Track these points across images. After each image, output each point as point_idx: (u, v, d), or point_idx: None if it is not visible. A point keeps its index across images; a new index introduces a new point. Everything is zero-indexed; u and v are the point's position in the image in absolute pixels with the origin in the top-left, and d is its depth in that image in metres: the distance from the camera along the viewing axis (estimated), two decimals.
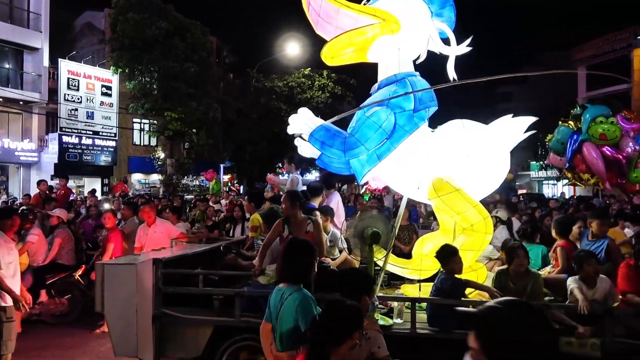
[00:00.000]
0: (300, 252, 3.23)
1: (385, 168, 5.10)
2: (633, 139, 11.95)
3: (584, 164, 12.01)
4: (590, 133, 11.17)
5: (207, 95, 26.85)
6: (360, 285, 3.14)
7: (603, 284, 4.38)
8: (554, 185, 34.62)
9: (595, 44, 31.62)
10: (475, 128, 5.05)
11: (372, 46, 5.26)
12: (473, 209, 4.76)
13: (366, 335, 2.91)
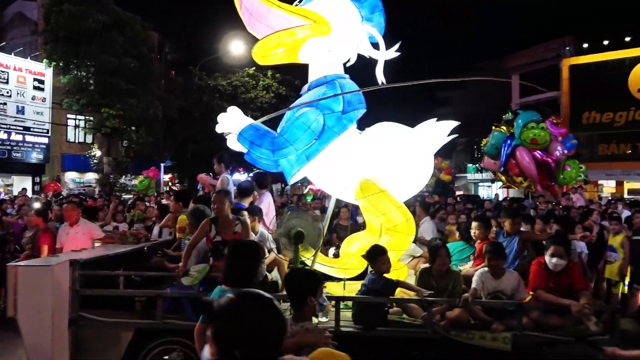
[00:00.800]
0: (245, 255, 3.21)
1: (314, 168, 5.15)
2: (561, 143, 12.67)
3: (518, 168, 12.55)
4: (522, 138, 11.73)
5: (148, 92, 26.05)
6: (306, 286, 3.09)
7: (510, 278, 4.63)
8: (489, 187, 36.11)
9: (528, 53, 33.27)
10: (401, 130, 5.19)
11: (303, 47, 5.30)
12: (397, 210, 4.89)
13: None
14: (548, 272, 4.46)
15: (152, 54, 28.59)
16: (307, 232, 4.88)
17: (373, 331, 4.57)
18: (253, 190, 6.26)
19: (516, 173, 12.88)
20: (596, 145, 29.27)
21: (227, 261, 3.23)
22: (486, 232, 5.69)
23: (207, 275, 4.61)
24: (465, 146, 32.47)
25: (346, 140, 5.06)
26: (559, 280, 4.43)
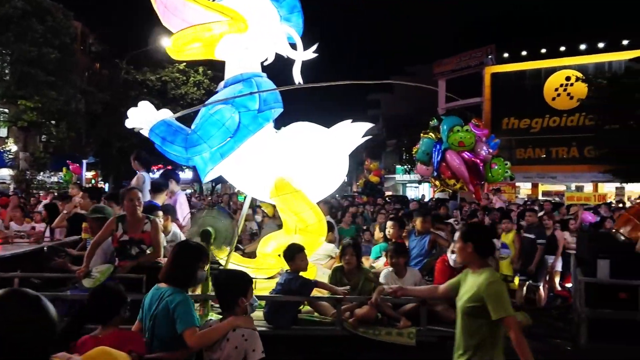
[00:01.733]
0: (187, 256, 3.23)
1: (229, 167, 5.09)
2: (485, 143, 13.32)
3: (449, 170, 12.95)
4: (450, 142, 12.17)
5: (70, 85, 24.67)
6: (237, 287, 3.08)
7: (411, 276, 4.81)
8: (416, 187, 37.35)
9: (453, 60, 34.74)
10: (316, 130, 5.24)
11: (219, 43, 5.21)
12: (310, 211, 4.92)
13: (243, 336, 2.88)
14: (450, 269, 4.67)
15: (75, 45, 27.10)
16: (220, 232, 4.80)
17: (284, 330, 4.57)
18: (166, 186, 6.09)
19: (448, 176, 13.34)
20: (514, 149, 31.03)
21: (172, 261, 3.23)
22: (400, 232, 5.86)
23: (111, 276, 4.43)
24: (394, 148, 33.41)
25: (262, 139, 5.04)
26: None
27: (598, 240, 5.09)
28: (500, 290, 2.92)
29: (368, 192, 21.91)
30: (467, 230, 3.21)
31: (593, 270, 4.60)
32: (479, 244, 3.07)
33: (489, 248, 3.18)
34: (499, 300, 2.88)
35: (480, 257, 3.07)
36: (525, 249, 7.28)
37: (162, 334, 2.98)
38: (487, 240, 3.18)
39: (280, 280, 4.82)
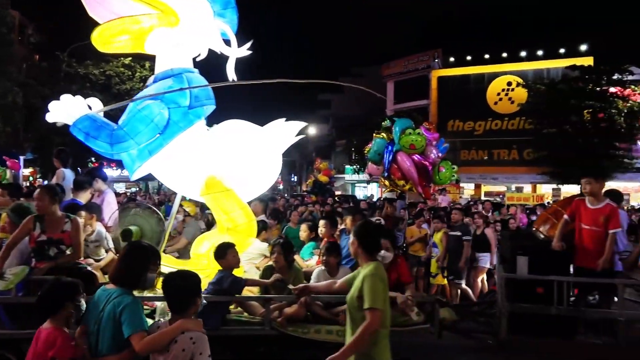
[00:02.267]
0: (141, 257, 3.13)
1: (158, 164, 4.95)
2: (435, 147, 13.69)
3: (400, 171, 13.14)
4: (402, 143, 12.38)
5: (6, 77, 23.36)
6: (192, 287, 3.02)
7: (343, 274, 4.84)
8: (364, 187, 37.82)
9: (401, 63, 35.46)
10: (249, 129, 5.18)
11: (149, 37, 5.06)
12: (240, 211, 4.85)
13: (192, 339, 2.83)
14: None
15: (13, 35, 25.71)
16: (146, 232, 4.67)
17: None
18: (90, 184, 5.85)
19: (398, 177, 13.57)
20: (459, 151, 31.99)
21: (122, 262, 3.14)
22: (332, 230, 5.89)
23: (26, 277, 4.22)
24: (344, 148, 33.70)
25: (193, 136, 4.93)
26: (388, 274, 4.69)
27: (518, 239, 5.31)
28: (374, 283, 3.03)
29: (317, 192, 21.95)
30: (356, 227, 3.36)
31: (513, 266, 4.79)
32: (363, 240, 3.22)
33: (373, 245, 3.26)
34: (370, 292, 2.99)
35: (365, 252, 3.21)
36: (452, 246, 7.51)
37: (109, 337, 2.87)
38: (371, 238, 3.28)
39: (213, 279, 4.74)
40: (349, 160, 34.83)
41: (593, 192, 4.85)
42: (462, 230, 7.65)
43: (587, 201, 4.72)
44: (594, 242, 4.64)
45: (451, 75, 33.07)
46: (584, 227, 4.66)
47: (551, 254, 4.73)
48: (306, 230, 5.95)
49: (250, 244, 5.24)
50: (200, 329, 2.94)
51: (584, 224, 4.65)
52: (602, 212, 4.69)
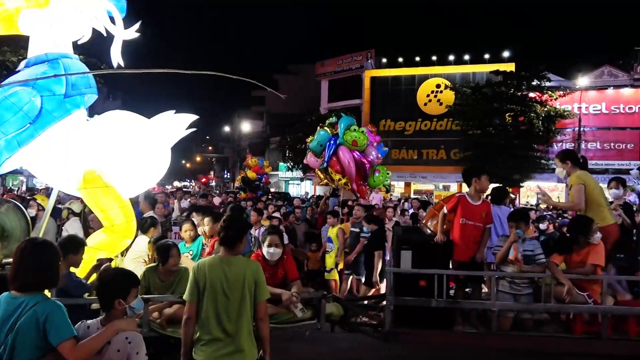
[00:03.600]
0: (48, 255, 2.79)
1: (29, 156, 4.63)
2: (375, 148, 13.89)
3: (339, 165, 13.14)
4: (345, 139, 12.41)
5: None
6: (116, 288, 2.84)
7: None
8: (298, 185, 37.92)
9: (335, 62, 35.82)
10: (134, 120, 4.95)
11: (20, 18, 4.71)
12: (119, 209, 4.60)
13: (127, 339, 2.72)
14: (265, 263, 4.66)
15: None
16: (12, 231, 4.36)
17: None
18: None
19: (337, 170, 13.51)
20: (390, 150, 32.70)
21: (19, 263, 2.73)
22: (216, 227, 5.72)
23: None
24: (278, 145, 33.60)
25: (70, 127, 4.64)
26: (275, 270, 4.66)
27: (405, 233, 5.45)
28: (190, 277, 3.27)
29: (244, 188, 21.66)
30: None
31: (399, 261, 4.90)
32: (220, 235, 3.33)
33: (231, 240, 3.28)
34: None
35: (221, 246, 3.32)
36: (352, 242, 7.59)
37: (30, 347, 2.60)
38: (229, 233, 3.30)
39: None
40: (283, 157, 34.76)
41: (484, 189, 5.03)
42: (361, 227, 7.75)
43: (468, 198, 4.90)
44: (474, 236, 4.83)
45: (383, 76, 33.74)
46: (467, 223, 4.84)
47: (433, 249, 4.87)
48: (192, 229, 5.75)
49: (125, 246, 4.99)
50: (134, 328, 2.85)
51: (466, 219, 4.83)
52: (482, 209, 4.90)
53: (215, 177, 56.80)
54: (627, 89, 28.21)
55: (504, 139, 25.51)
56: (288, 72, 43.62)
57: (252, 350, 3.20)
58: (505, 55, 31.13)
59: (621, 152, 27.91)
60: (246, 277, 3.17)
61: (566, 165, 5.09)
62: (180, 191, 15.62)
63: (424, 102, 32.40)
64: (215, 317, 3.13)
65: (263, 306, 3.23)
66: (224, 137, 55.05)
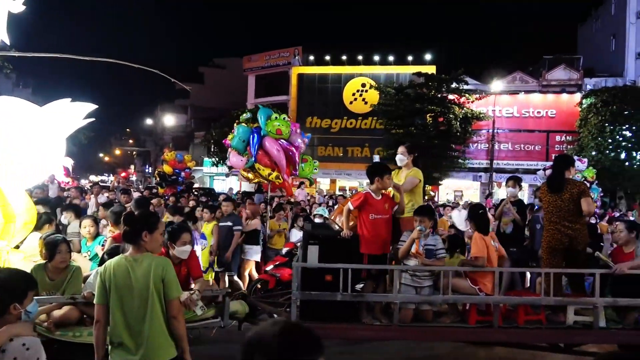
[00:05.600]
0: None
1: None
2: (299, 134, 13.53)
3: (267, 158, 12.52)
4: (268, 129, 11.76)
5: None
6: (13, 291, 2.65)
7: None
8: (223, 180, 37.30)
9: (262, 57, 35.58)
10: (24, 108, 4.59)
11: None
12: None
13: (24, 345, 2.52)
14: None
15: None
16: None
17: None
18: None
19: (266, 164, 12.93)
20: (316, 147, 33.00)
21: None
22: (117, 227, 5.48)
23: None
24: (203, 140, 32.81)
25: None
26: (178, 269, 4.51)
27: (314, 229, 5.49)
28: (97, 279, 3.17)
29: (161, 183, 20.88)
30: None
31: (307, 255, 4.91)
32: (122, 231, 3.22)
33: (130, 235, 3.16)
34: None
35: (126, 243, 3.27)
36: (224, 237, 7.52)
37: None
38: (128, 229, 3.18)
39: None
40: (208, 152, 34.01)
41: (385, 187, 5.11)
42: (233, 221, 7.71)
43: (372, 194, 5.00)
44: (383, 229, 4.95)
45: (310, 73, 33.94)
46: (377, 217, 4.93)
47: (339, 243, 4.93)
48: (92, 225, 5.46)
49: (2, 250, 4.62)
50: (31, 333, 2.67)
51: (373, 214, 4.93)
52: (384, 202, 5.03)
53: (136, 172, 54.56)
54: (536, 94, 30.27)
55: (425, 139, 26.45)
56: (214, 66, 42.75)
57: (168, 350, 3.08)
58: (427, 58, 32.36)
59: (530, 153, 29.91)
60: (153, 276, 3.04)
61: (410, 157, 5.55)
62: (97, 186, 14.84)
63: (349, 101, 32.95)
64: (123, 319, 3.02)
65: (174, 304, 3.11)
66: (146, 130, 52.98)
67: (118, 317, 3.01)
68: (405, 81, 30.20)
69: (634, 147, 24.81)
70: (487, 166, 28.99)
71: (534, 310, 5.03)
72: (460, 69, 27.30)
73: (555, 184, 5.10)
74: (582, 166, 17.41)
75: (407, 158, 5.59)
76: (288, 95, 33.93)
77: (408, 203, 5.30)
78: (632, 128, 24.72)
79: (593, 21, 37.02)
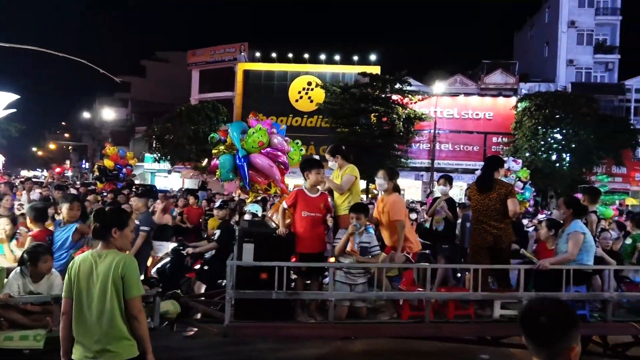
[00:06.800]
0: None
1: None
2: (276, 134, 12.61)
3: (259, 174, 11.64)
4: (248, 147, 10.90)
5: None
6: None
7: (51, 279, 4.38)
8: (165, 177, 36.34)
9: (208, 52, 34.90)
10: None
11: None
12: None
13: None
14: None
15: None
16: None
17: None
18: None
19: (260, 181, 12.08)
20: None
21: None
22: (39, 224, 5.21)
23: None
24: (144, 135, 31.71)
25: None
26: None
27: (250, 227, 5.43)
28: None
29: (101, 178, 20.08)
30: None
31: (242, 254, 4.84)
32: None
33: (98, 232, 3.09)
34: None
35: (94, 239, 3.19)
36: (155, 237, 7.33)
37: None
38: (100, 225, 3.10)
39: None
40: (150, 148, 32.94)
41: (314, 183, 5.09)
42: (141, 220, 7.53)
43: (306, 191, 5.00)
44: (315, 227, 4.95)
45: (256, 70, 33.59)
46: (309, 215, 4.93)
47: (275, 241, 4.90)
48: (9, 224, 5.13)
49: None
50: None
51: (306, 211, 4.92)
52: (320, 200, 5.04)
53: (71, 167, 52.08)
54: (475, 97, 31.41)
55: (369, 138, 26.82)
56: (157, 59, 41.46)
57: (128, 349, 2.99)
58: (372, 59, 32.83)
59: (469, 153, 31.00)
60: (113, 273, 2.95)
61: (337, 159, 5.62)
62: (29, 181, 14.07)
63: (295, 99, 32.91)
64: (81, 315, 2.97)
65: (133, 303, 3.00)
66: (83, 123, 50.58)
67: (78, 312, 2.98)
68: (351, 81, 30.51)
69: (563, 149, 26.25)
70: (428, 166, 29.78)
71: (463, 305, 5.21)
72: (404, 70, 27.87)
73: (484, 183, 5.29)
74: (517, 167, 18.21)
75: (335, 161, 5.63)
76: (233, 92, 33.46)
77: (344, 201, 5.34)
78: (563, 131, 26.12)
79: (528, 28, 38.89)
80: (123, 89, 39.88)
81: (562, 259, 5.12)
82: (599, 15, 32.13)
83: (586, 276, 5.28)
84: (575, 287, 5.09)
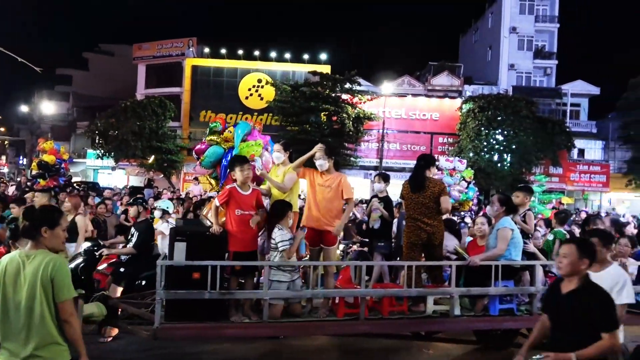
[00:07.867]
0: None
1: None
2: (268, 151, 12.42)
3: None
4: (243, 152, 10.70)
5: None
6: None
7: None
8: (109, 174, 35.13)
9: (154, 46, 33.95)
10: None
11: None
12: None
13: None
14: None
15: None
16: None
17: None
18: None
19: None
20: None
21: None
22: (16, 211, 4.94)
23: None
24: (86, 130, 30.43)
25: None
26: None
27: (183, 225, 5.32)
28: None
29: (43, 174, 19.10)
30: None
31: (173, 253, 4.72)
32: None
33: (26, 231, 2.92)
34: None
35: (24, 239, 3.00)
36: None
37: None
38: (29, 224, 2.94)
39: None
40: (92, 144, 31.66)
41: (240, 180, 4.99)
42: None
43: (238, 189, 4.94)
44: (246, 225, 4.88)
45: (205, 66, 32.93)
46: (242, 213, 4.86)
47: (208, 240, 4.80)
48: None
49: None
50: None
51: (238, 209, 4.86)
52: (253, 197, 4.99)
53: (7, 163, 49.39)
54: (422, 98, 32.12)
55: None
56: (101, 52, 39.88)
57: (60, 353, 2.85)
58: (323, 58, 32.94)
59: (416, 153, 31.49)
60: (41, 274, 2.77)
61: (287, 154, 5.75)
62: None
63: (245, 96, 32.54)
64: (7, 319, 2.80)
65: (64, 307, 2.83)
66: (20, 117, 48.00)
67: (2, 316, 2.82)
68: (301, 79, 30.48)
69: (505, 150, 27.25)
70: (377, 165, 30.18)
71: (398, 301, 5.30)
72: (354, 70, 28.13)
73: (416, 182, 5.40)
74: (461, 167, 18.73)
75: (283, 155, 5.65)
76: (181, 88, 32.68)
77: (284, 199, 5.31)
78: (504, 132, 27.13)
79: (472, 32, 40.18)
80: (64, 82, 38.07)
81: (491, 255, 5.29)
82: (539, 22, 33.65)
83: (514, 271, 5.49)
84: (504, 281, 5.29)
